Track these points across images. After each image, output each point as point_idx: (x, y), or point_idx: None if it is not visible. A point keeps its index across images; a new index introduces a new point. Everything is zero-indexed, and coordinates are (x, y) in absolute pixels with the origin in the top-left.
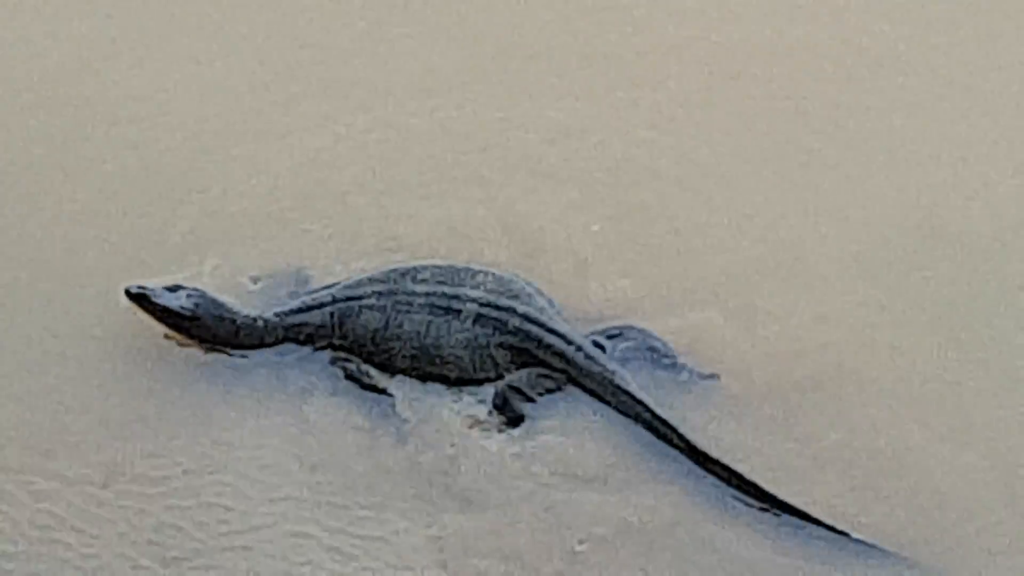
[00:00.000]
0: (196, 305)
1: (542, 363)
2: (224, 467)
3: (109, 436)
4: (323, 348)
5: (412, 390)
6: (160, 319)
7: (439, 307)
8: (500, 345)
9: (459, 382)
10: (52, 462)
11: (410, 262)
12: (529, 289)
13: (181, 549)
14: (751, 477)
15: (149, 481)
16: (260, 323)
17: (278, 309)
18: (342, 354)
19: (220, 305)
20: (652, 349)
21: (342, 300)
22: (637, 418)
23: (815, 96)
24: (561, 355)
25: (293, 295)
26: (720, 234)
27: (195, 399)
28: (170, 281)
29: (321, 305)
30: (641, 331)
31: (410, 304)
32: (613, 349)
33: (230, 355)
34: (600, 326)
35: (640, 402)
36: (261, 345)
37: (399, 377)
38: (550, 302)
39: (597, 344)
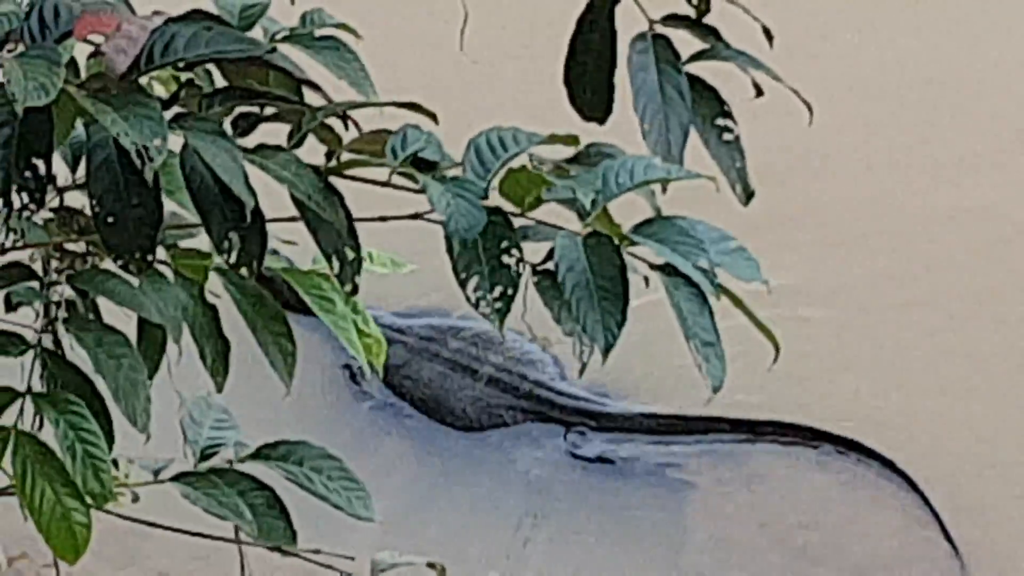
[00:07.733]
0: None
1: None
2: None
3: None
4: None
5: None
6: None
7: (459, 364)
8: (510, 407)
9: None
10: None
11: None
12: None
13: None
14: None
15: None
16: None
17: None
18: None
19: None
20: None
21: (391, 328)
22: (681, 431)
23: None
24: (576, 411)
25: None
26: None
27: None
28: None
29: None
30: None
31: (436, 355)
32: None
33: None
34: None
35: (676, 417)
36: None
37: None
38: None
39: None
